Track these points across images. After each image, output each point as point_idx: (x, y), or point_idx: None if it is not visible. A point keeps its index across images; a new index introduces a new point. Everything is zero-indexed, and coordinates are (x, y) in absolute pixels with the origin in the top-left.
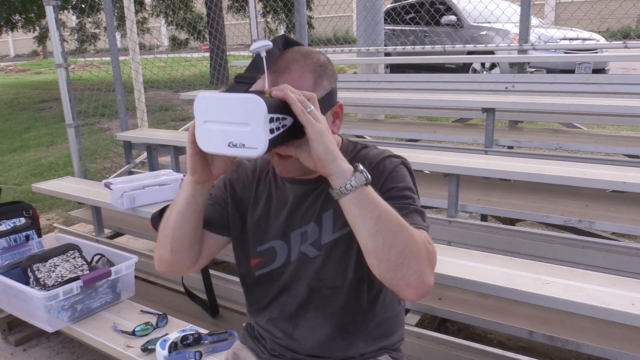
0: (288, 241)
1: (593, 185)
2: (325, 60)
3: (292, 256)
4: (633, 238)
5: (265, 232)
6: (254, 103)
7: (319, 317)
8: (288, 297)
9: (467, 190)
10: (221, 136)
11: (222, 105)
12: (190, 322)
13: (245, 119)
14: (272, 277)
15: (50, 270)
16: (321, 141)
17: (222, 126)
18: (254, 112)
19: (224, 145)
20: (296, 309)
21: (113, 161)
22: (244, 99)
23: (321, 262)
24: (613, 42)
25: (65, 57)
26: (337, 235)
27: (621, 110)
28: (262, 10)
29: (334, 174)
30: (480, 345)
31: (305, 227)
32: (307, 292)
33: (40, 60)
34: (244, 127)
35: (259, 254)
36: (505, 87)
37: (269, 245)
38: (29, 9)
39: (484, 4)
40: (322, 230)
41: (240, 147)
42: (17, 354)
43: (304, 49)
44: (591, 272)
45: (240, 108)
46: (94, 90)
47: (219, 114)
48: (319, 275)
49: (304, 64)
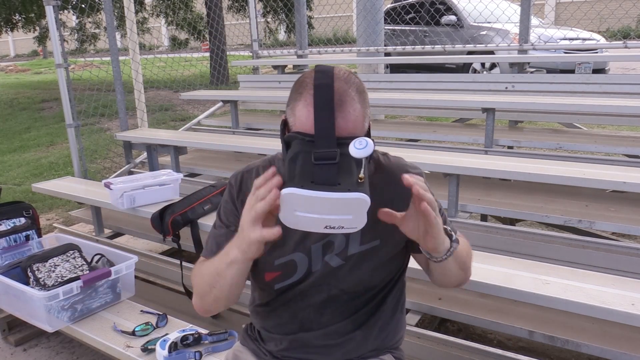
0: (309, 253)
1: (593, 185)
2: (361, 82)
3: (313, 267)
4: (633, 238)
5: (283, 245)
6: (362, 202)
7: (334, 319)
8: (303, 302)
9: (467, 190)
10: (317, 222)
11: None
12: (190, 322)
13: (348, 213)
14: (292, 288)
15: (50, 270)
16: (438, 235)
17: (320, 216)
18: (359, 207)
19: (320, 228)
20: (310, 313)
21: (113, 161)
22: (351, 199)
23: (345, 272)
24: (613, 42)
25: (65, 57)
26: (365, 248)
27: (621, 110)
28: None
29: (438, 250)
30: (480, 345)
31: (330, 238)
32: (325, 298)
33: (40, 60)
34: (345, 216)
35: (277, 267)
36: (505, 87)
37: (288, 258)
38: (29, 9)
39: (484, 4)
40: (350, 241)
41: (338, 229)
42: (17, 354)
43: (342, 73)
44: (591, 272)
45: (345, 206)
46: (94, 90)
47: (319, 209)
48: (340, 284)
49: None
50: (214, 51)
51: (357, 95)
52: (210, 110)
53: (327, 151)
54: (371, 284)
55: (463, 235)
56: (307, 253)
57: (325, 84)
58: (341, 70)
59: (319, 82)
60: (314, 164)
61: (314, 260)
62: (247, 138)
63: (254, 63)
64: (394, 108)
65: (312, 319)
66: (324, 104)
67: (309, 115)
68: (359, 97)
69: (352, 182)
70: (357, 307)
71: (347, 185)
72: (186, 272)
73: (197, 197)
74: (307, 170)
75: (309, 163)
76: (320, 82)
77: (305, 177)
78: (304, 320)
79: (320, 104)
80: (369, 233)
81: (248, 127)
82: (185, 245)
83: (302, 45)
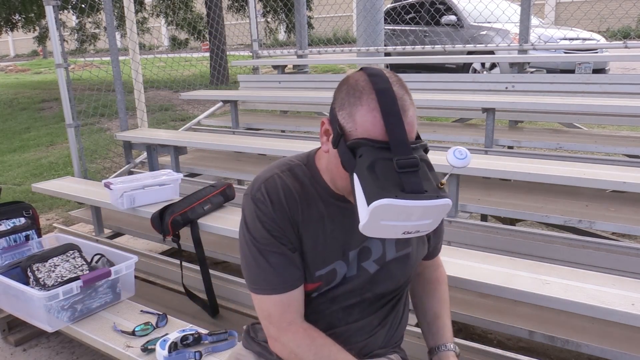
0: (347, 259)
1: (593, 185)
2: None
3: (349, 272)
4: (633, 238)
5: (323, 255)
6: (447, 207)
7: (362, 317)
8: (333, 305)
9: (467, 190)
10: (398, 228)
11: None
12: (190, 322)
13: (430, 217)
14: (325, 294)
15: (50, 270)
16: None
17: (404, 223)
18: (442, 212)
19: (398, 234)
20: (338, 313)
21: (113, 161)
22: (441, 205)
23: (381, 277)
24: (613, 42)
25: (65, 57)
26: (400, 254)
27: (621, 110)
28: (262, 10)
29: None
30: (480, 345)
31: (365, 244)
32: (358, 301)
33: (40, 60)
34: (426, 220)
35: (318, 278)
36: (505, 87)
37: (330, 268)
38: (29, 9)
39: (484, 4)
40: (386, 247)
41: (415, 233)
42: (17, 354)
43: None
44: (591, 272)
45: (432, 211)
46: (94, 90)
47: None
48: (375, 289)
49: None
50: (213, 51)
51: (410, 98)
52: (210, 110)
53: (409, 158)
54: (397, 285)
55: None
56: (345, 260)
57: (386, 88)
58: (389, 72)
59: (379, 87)
60: (398, 171)
61: (350, 267)
62: (247, 138)
63: (254, 63)
64: None
65: (340, 318)
66: (392, 109)
67: (376, 121)
68: (411, 100)
69: (435, 188)
70: (382, 305)
71: (432, 191)
72: (186, 272)
73: (197, 197)
74: (392, 179)
75: (392, 171)
76: (381, 87)
77: (395, 186)
78: (333, 321)
79: (387, 109)
80: (404, 240)
81: (248, 127)
82: (185, 245)
83: (302, 45)
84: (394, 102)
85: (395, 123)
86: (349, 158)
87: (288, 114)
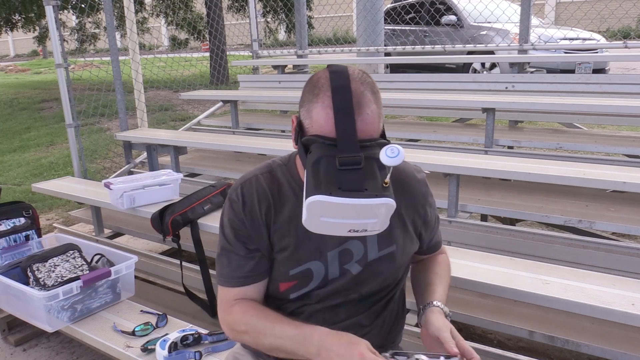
0: (325, 260)
1: (593, 185)
2: (374, 83)
3: (330, 274)
4: (633, 238)
5: (297, 255)
6: (388, 206)
7: (349, 317)
8: (318, 305)
9: (467, 190)
10: (342, 226)
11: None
12: (190, 322)
13: (374, 217)
14: (308, 295)
15: (50, 270)
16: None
17: (346, 220)
18: (385, 211)
19: (344, 231)
20: (324, 313)
21: (113, 161)
22: (379, 204)
23: (364, 278)
24: (613, 42)
25: (65, 57)
26: (383, 253)
27: (621, 110)
28: (262, 10)
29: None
30: (480, 345)
31: (346, 245)
32: (342, 302)
33: (40, 60)
34: (371, 220)
35: (292, 277)
36: (505, 87)
37: (304, 267)
38: (29, 9)
39: (484, 3)
40: (368, 247)
41: (362, 232)
42: (17, 354)
43: (357, 73)
44: (591, 272)
45: (372, 210)
46: (94, 90)
47: (345, 214)
48: (360, 290)
49: (369, 95)
50: (213, 51)
51: (373, 96)
52: (210, 110)
53: (352, 156)
54: (387, 285)
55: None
56: (323, 261)
57: (343, 85)
58: (355, 70)
59: (336, 84)
60: (339, 169)
61: (331, 268)
62: (247, 138)
63: (254, 63)
64: (394, 108)
65: (326, 318)
66: (344, 106)
67: (328, 118)
68: (374, 98)
69: (378, 187)
70: (370, 304)
71: (373, 190)
72: (186, 272)
73: (197, 197)
74: (332, 176)
75: (333, 168)
76: (337, 84)
77: (332, 183)
78: (319, 322)
79: (339, 106)
80: (386, 239)
81: (248, 127)
82: (185, 245)
83: (302, 45)
84: (348, 99)
85: (344, 120)
86: (302, 154)
87: (288, 114)
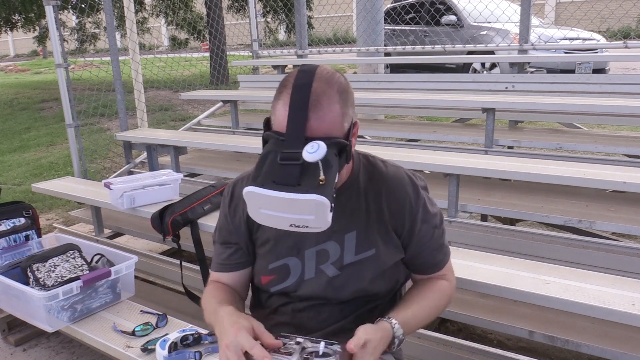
0: (302, 258)
1: (593, 185)
2: (345, 82)
3: (306, 274)
4: (633, 238)
5: (276, 249)
6: (319, 204)
7: (333, 318)
8: (301, 304)
9: (467, 190)
10: (282, 220)
11: (283, 203)
12: (190, 322)
13: (310, 213)
14: (287, 292)
15: (50, 271)
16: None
17: (284, 214)
18: (318, 209)
19: (285, 225)
20: (309, 316)
21: (113, 161)
22: (308, 201)
23: (341, 282)
24: (613, 42)
25: (65, 57)
26: (361, 257)
27: (621, 110)
28: (262, 10)
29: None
30: (480, 345)
31: (323, 246)
32: (322, 304)
33: (40, 60)
34: (308, 216)
35: (270, 271)
36: (505, 87)
37: (281, 262)
38: (29, 9)
39: (484, 3)
40: (345, 250)
41: (303, 227)
42: (17, 354)
43: (325, 73)
44: (591, 272)
45: (305, 206)
46: (94, 90)
47: (281, 208)
48: (336, 294)
49: (332, 94)
50: (213, 51)
51: (338, 95)
52: (210, 110)
53: (293, 152)
54: (372, 292)
55: (449, 256)
56: (301, 258)
57: (303, 83)
58: (325, 70)
59: (298, 82)
60: (280, 163)
61: (307, 267)
62: (247, 138)
63: (254, 63)
64: (394, 108)
65: (310, 316)
66: (299, 103)
67: (285, 114)
68: (340, 98)
69: (312, 184)
70: (353, 309)
71: (307, 186)
72: (186, 272)
73: (197, 197)
74: (272, 170)
75: (275, 162)
76: (299, 82)
77: (269, 176)
78: (303, 319)
79: (295, 103)
80: (364, 242)
81: (248, 127)
82: (185, 245)
83: (302, 45)
84: (305, 97)
85: (296, 117)
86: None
87: None
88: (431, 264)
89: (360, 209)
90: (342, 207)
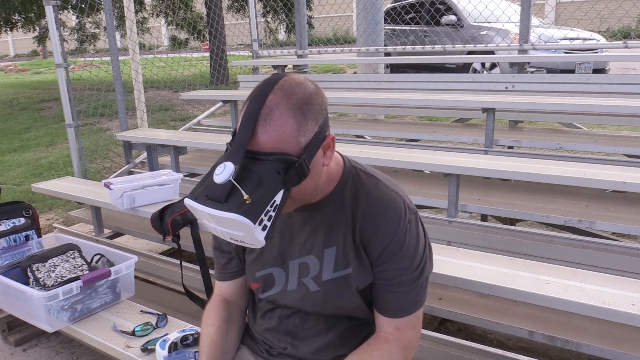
0: (287, 269)
1: (593, 185)
2: (310, 94)
3: (289, 284)
4: (633, 238)
5: (262, 259)
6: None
7: (317, 328)
8: (286, 311)
9: (467, 190)
10: (221, 232)
11: (210, 217)
12: (190, 322)
13: (238, 230)
14: (274, 299)
15: (50, 271)
16: None
17: (217, 227)
18: (242, 228)
19: (227, 237)
20: (294, 324)
21: (113, 161)
22: (228, 218)
23: (321, 298)
24: (613, 42)
25: (65, 57)
26: (338, 275)
27: (621, 110)
28: (262, 10)
29: None
30: (480, 345)
31: (305, 259)
32: (307, 313)
33: (40, 60)
34: (237, 232)
35: (257, 279)
36: (505, 87)
37: (267, 271)
38: (29, 9)
39: (484, 3)
40: (323, 266)
41: (241, 242)
42: (17, 354)
43: (287, 84)
44: (591, 272)
45: (232, 224)
46: (94, 90)
47: (214, 221)
48: (316, 308)
49: (286, 108)
50: (213, 51)
51: (295, 110)
52: (210, 110)
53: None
54: (352, 312)
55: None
56: (285, 269)
57: (259, 95)
58: (290, 80)
59: (255, 93)
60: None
61: (291, 278)
62: None
63: (254, 63)
64: (394, 108)
65: (296, 324)
66: (249, 116)
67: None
68: (296, 112)
69: (236, 203)
70: (338, 326)
71: (230, 205)
72: (186, 272)
73: None
74: (209, 184)
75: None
76: (256, 93)
77: (204, 190)
78: (289, 326)
79: (246, 115)
80: (342, 260)
81: None
82: (185, 245)
83: (302, 45)
84: (256, 109)
85: (243, 130)
86: None
87: None
88: (385, 307)
89: (340, 224)
90: (325, 220)
